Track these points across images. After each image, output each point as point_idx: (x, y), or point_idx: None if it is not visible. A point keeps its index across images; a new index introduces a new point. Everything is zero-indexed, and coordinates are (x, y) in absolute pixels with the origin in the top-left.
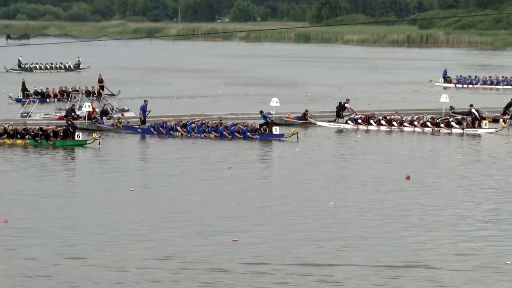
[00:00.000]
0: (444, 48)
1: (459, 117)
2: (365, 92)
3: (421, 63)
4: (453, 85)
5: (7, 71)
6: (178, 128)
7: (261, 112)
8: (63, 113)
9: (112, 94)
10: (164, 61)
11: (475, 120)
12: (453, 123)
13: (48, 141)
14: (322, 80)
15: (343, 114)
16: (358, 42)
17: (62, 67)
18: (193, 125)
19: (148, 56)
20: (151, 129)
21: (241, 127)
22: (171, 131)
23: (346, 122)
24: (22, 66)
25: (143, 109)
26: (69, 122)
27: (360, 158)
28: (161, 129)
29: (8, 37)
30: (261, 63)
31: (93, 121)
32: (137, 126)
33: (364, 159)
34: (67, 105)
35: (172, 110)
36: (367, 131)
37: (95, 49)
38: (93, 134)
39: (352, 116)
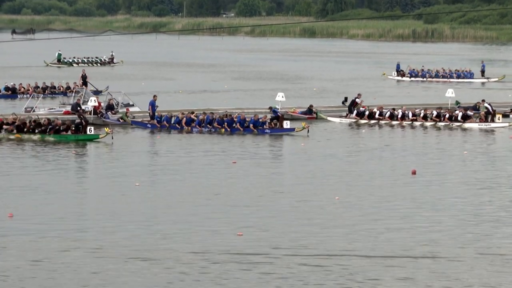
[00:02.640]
0: (450, 43)
1: (471, 112)
2: (370, 87)
3: (426, 57)
4: (406, 79)
5: (47, 65)
6: (183, 123)
7: (270, 107)
8: (68, 108)
9: (98, 91)
10: (172, 56)
11: (488, 114)
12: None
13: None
14: (327, 75)
15: (354, 109)
16: (363, 37)
17: (98, 61)
18: (200, 116)
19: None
20: (160, 123)
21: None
22: (177, 125)
23: (357, 117)
24: (62, 60)
25: (152, 104)
26: (81, 117)
27: (368, 152)
28: (166, 123)
29: (14, 32)
30: (266, 58)
31: (99, 115)
32: (146, 121)
33: (371, 153)
34: (71, 100)
35: (177, 105)
36: (378, 125)
37: (112, 44)
38: (105, 128)
39: (362, 110)
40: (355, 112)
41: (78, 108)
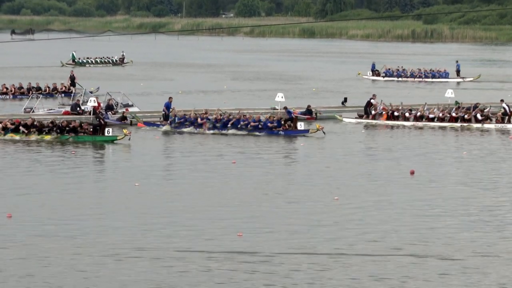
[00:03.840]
0: (449, 43)
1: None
2: (369, 87)
3: (425, 58)
4: (381, 78)
5: (63, 65)
6: (199, 120)
7: (285, 108)
8: (68, 108)
9: (86, 91)
10: (172, 56)
11: (505, 115)
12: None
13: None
14: (327, 75)
15: (370, 110)
16: (362, 37)
17: (110, 61)
18: (212, 117)
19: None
20: (174, 124)
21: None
22: (191, 125)
23: (373, 118)
24: (76, 60)
25: (167, 106)
26: (99, 118)
27: (378, 153)
28: (184, 123)
29: (13, 32)
30: (265, 58)
31: (98, 116)
32: (159, 122)
33: (381, 154)
34: (70, 101)
35: (177, 105)
36: (392, 126)
37: (112, 44)
38: (123, 129)
39: (377, 111)
40: (372, 112)
41: (77, 109)
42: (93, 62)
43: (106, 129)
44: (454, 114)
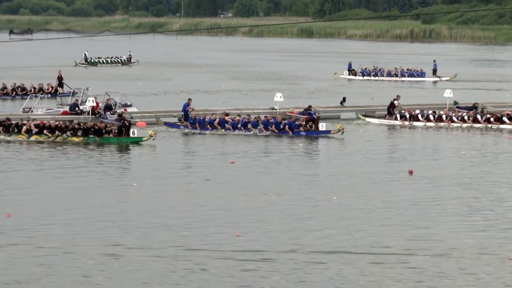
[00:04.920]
0: (447, 43)
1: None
2: (368, 87)
3: (423, 57)
4: (357, 78)
5: (76, 65)
6: (216, 123)
7: (307, 108)
8: (67, 108)
9: (74, 92)
10: (170, 56)
11: None
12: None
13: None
14: (325, 75)
15: (393, 111)
16: (361, 37)
17: (119, 61)
18: (237, 117)
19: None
20: (193, 125)
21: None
22: (209, 126)
23: (395, 119)
24: (88, 60)
25: (185, 107)
26: (124, 119)
27: (402, 154)
28: (202, 125)
29: (11, 32)
30: (264, 58)
31: (97, 116)
32: (179, 123)
33: (400, 155)
34: (69, 100)
35: (175, 106)
36: (415, 127)
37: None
38: (148, 131)
39: (403, 112)
40: (396, 113)
41: (76, 109)
42: (104, 62)
43: (131, 130)
44: (478, 116)
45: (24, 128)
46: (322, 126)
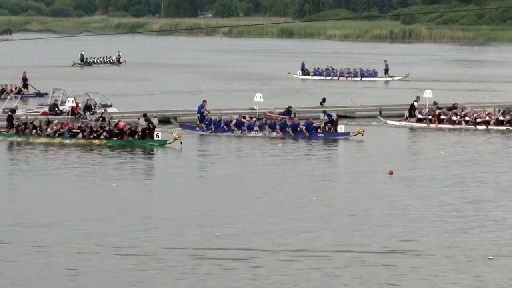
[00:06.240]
0: (427, 43)
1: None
2: (346, 87)
3: (402, 58)
4: (310, 77)
5: (73, 65)
6: (232, 125)
7: (325, 111)
8: (46, 109)
9: (40, 93)
10: (150, 56)
11: None
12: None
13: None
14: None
15: (414, 112)
16: (340, 37)
17: (111, 61)
18: (252, 120)
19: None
20: (209, 126)
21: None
22: (225, 127)
23: (417, 121)
24: (84, 60)
25: (200, 109)
26: (149, 121)
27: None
28: (220, 126)
29: None
30: (244, 58)
31: (77, 116)
32: (195, 125)
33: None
34: (49, 101)
35: (155, 106)
36: (440, 130)
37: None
38: (173, 133)
39: (423, 114)
40: (417, 115)
41: (56, 109)
42: (98, 62)
43: (156, 133)
44: (501, 118)
45: (49, 130)
46: (341, 128)
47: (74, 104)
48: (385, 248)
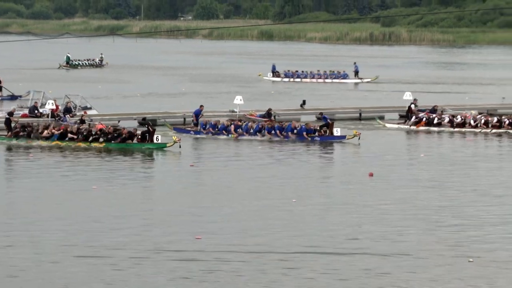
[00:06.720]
0: (407, 46)
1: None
2: (326, 89)
3: (382, 60)
4: (280, 79)
5: (59, 67)
6: (232, 127)
7: (321, 113)
8: (26, 111)
9: (14, 96)
10: (130, 58)
11: None
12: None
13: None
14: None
15: (411, 115)
16: (320, 40)
17: (95, 63)
18: (250, 124)
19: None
20: (205, 130)
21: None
22: (224, 131)
23: (414, 124)
24: (70, 62)
25: (197, 113)
26: (148, 125)
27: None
28: (215, 129)
29: None
30: (224, 61)
31: (56, 118)
32: (189, 128)
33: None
34: (29, 103)
35: (135, 108)
36: (436, 133)
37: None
38: (173, 137)
39: (421, 116)
40: (413, 118)
41: (35, 111)
42: (83, 64)
43: (155, 136)
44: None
45: (46, 133)
46: (336, 131)
47: (54, 107)
48: (359, 249)
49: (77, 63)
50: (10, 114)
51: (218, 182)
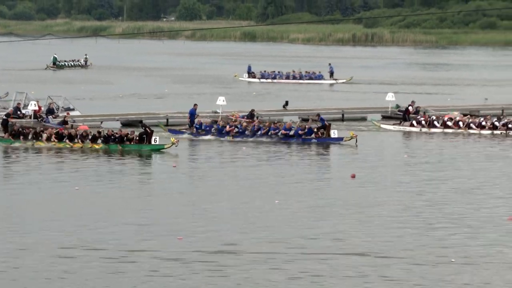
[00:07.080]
0: (390, 47)
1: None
2: (309, 91)
3: (365, 61)
4: (257, 80)
5: (46, 68)
6: (227, 128)
7: (318, 115)
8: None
9: None
10: (112, 59)
11: None
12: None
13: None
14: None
15: (408, 117)
16: (303, 41)
17: (80, 64)
18: (244, 124)
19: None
20: (200, 131)
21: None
22: (220, 133)
23: (411, 125)
24: (57, 63)
25: (192, 113)
26: (146, 127)
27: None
28: (211, 130)
29: None
30: (206, 62)
31: (39, 120)
32: (184, 130)
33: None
34: (12, 104)
35: (118, 109)
36: (433, 133)
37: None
38: (171, 138)
39: (418, 117)
40: (410, 120)
41: (18, 112)
42: (69, 65)
43: (153, 138)
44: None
45: (45, 135)
46: (334, 133)
47: (37, 108)
48: (343, 250)
49: (63, 64)
50: (8, 115)
51: (206, 184)
